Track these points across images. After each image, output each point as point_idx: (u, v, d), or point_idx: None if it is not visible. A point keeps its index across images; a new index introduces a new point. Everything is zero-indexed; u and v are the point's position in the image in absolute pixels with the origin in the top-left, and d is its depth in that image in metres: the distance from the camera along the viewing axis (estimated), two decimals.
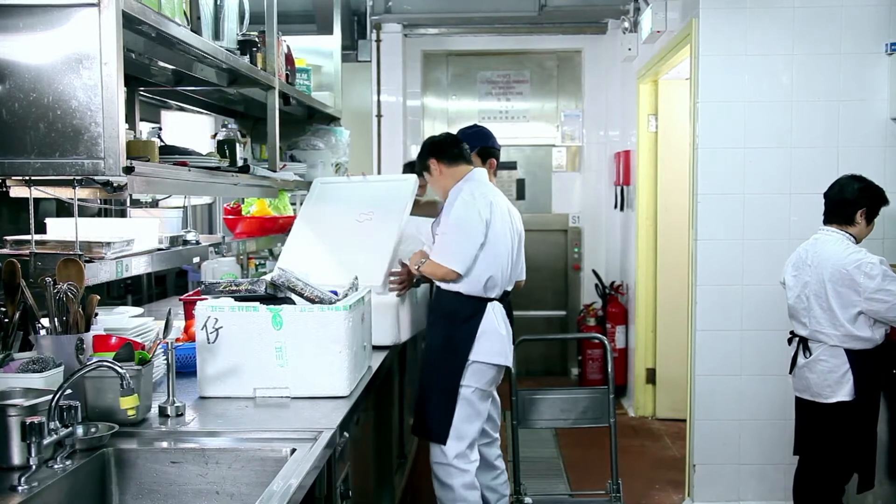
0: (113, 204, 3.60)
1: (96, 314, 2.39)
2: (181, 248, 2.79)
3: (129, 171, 2.02)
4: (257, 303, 2.54)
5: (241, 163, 3.20)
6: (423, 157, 3.53)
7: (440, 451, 3.34)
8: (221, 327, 2.46)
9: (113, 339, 2.33)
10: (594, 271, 6.67)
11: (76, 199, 2.20)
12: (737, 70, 4.07)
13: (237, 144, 3.24)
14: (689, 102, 4.28)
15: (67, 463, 1.89)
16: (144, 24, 2.19)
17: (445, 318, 3.38)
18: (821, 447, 3.45)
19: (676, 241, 5.27)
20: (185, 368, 2.67)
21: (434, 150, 3.51)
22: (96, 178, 2.01)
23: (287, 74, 3.76)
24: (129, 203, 3.40)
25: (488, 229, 3.30)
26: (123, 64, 2.01)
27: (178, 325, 3.01)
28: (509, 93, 6.98)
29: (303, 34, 4.89)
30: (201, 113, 4.28)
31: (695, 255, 4.17)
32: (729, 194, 4.09)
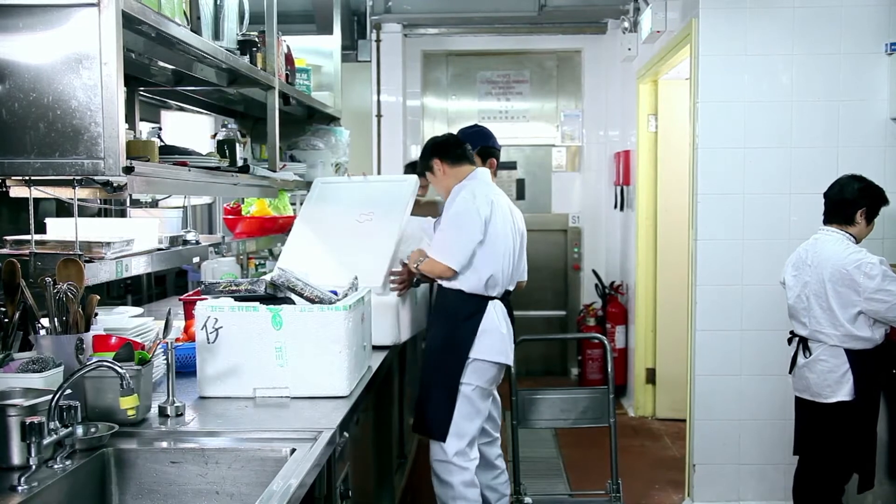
0: (113, 204, 3.60)
1: (96, 314, 2.39)
2: (181, 248, 2.79)
3: (128, 171, 2.03)
4: (257, 303, 2.54)
5: (240, 163, 3.20)
6: (426, 157, 3.53)
7: (440, 449, 3.34)
8: (221, 327, 2.46)
9: (113, 339, 2.33)
10: (594, 271, 6.67)
11: (76, 199, 2.20)
12: (737, 70, 4.07)
13: (237, 144, 3.24)
14: (688, 102, 4.28)
15: (67, 463, 1.89)
16: (144, 24, 2.19)
17: (447, 316, 3.38)
18: (821, 447, 3.45)
19: (676, 241, 5.27)
20: (185, 368, 2.67)
21: (438, 150, 3.51)
22: (96, 178, 2.01)
23: (287, 74, 3.76)
24: (128, 203, 3.40)
25: (487, 227, 3.30)
26: (123, 64, 2.01)
27: (178, 325, 3.01)
28: (509, 93, 6.97)
29: (303, 34, 4.89)
30: (201, 113, 4.28)
31: (695, 255, 4.17)
32: (729, 194, 4.09)
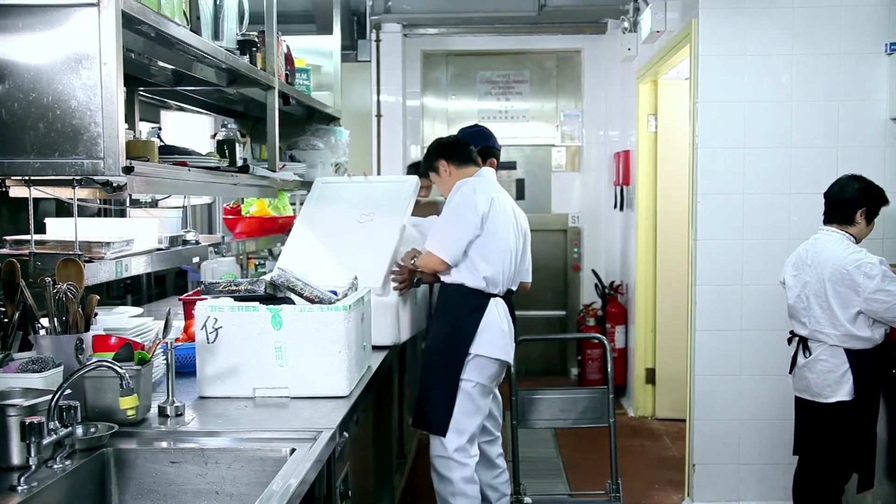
0: (112, 204, 3.60)
1: (96, 314, 2.39)
2: (181, 248, 2.79)
3: (128, 171, 2.03)
4: (257, 303, 2.54)
5: (240, 163, 3.20)
6: (431, 157, 3.52)
7: (440, 444, 3.34)
8: (221, 327, 2.46)
9: (112, 339, 2.33)
10: (594, 271, 6.67)
11: (76, 199, 2.20)
12: (736, 70, 4.07)
13: (237, 144, 3.24)
14: (688, 102, 4.28)
15: (67, 463, 1.89)
16: (144, 24, 2.19)
17: (449, 312, 3.38)
18: (820, 447, 3.45)
19: (676, 241, 5.27)
20: (185, 368, 2.67)
21: (444, 151, 3.50)
22: (96, 178, 2.01)
23: (287, 74, 3.76)
24: (128, 203, 3.40)
25: (485, 222, 3.29)
26: (123, 64, 2.01)
27: (178, 325, 3.01)
28: (509, 93, 6.97)
29: (302, 34, 4.89)
30: (201, 113, 4.28)
31: (694, 255, 4.17)
32: (729, 194, 4.09)
